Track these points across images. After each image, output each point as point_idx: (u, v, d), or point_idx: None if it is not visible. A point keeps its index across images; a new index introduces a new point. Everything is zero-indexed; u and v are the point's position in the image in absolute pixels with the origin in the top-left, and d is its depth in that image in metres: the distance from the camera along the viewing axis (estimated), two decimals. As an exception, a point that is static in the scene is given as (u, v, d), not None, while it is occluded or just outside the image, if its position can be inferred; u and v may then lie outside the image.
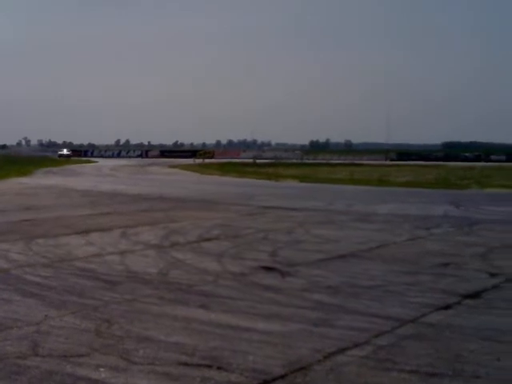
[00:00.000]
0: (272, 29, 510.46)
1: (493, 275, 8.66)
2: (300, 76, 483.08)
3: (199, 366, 5.00)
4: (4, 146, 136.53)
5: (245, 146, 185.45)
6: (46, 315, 6.38)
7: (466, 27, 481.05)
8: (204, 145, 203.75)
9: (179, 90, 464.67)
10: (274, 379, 4.76)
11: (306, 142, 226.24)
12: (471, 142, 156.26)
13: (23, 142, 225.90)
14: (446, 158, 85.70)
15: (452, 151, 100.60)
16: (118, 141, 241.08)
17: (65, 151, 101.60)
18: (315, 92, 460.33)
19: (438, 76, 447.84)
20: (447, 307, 6.89)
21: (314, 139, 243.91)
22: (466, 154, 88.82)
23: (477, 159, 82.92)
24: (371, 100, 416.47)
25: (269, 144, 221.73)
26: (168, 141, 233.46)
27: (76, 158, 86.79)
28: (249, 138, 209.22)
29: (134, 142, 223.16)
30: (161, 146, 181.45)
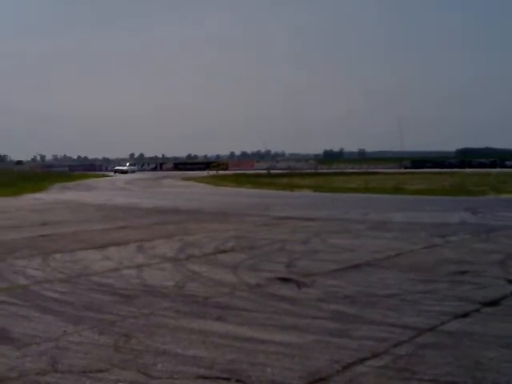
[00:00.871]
0: (286, 38, 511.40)
1: (511, 282, 8.60)
2: (312, 86, 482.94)
3: (218, 379, 5.00)
4: (20, 162, 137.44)
5: (258, 156, 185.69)
6: (64, 331, 6.41)
7: (479, 31, 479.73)
8: (218, 156, 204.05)
9: (192, 101, 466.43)
10: (293, 391, 4.75)
11: (319, 151, 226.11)
12: (486, 148, 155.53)
13: (38, 158, 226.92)
14: (461, 165, 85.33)
15: (467, 157, 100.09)
16: (132, 154, 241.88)
17: (124, 167, 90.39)
18: (328, 101, 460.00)
19: (452, 82, 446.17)
20: (465, 315, 6.84)
21: (328, 148, 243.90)
22: (481, 160, 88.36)
23: (492, 165, 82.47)
24: (384, 108, 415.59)
25: (282, 154, 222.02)
26: (182, 153, 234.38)
27: (98, 173, 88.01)
28: (262, 149, 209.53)
29: (148, 155, 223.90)
30: (174, 158, 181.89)
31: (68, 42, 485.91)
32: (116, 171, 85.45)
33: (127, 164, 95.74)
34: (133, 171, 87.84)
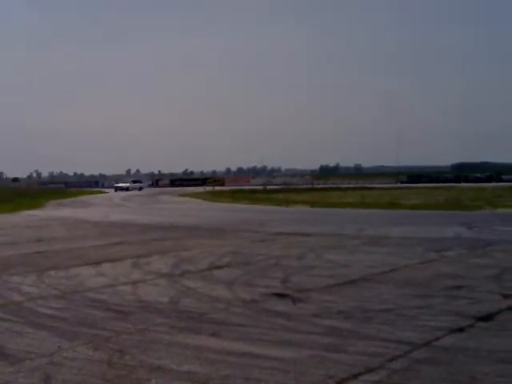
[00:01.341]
0: (281, 52, 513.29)
1: (506, 296, 8.60)
2: (308, 101, 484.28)
3: (212, 394, 4.99)
4: (16, 179, 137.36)
5: (254, 172, 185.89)
6: (59, 346, 6.39)
7: (476, 44, 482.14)
8: (214, 172, 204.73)
9: (188, 117, 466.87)
10: (287, 406, 4.74)
11: (316, 166, 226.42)
12: (482, 163, 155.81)
13: (34, 175, 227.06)
14: (457, 180, 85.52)
15: (462, 172, 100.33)
16: (129, 170, 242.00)
17: (126, 183, 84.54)
18: (324, 117, 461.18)
19: (448, 97, 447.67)
20: (460, 330, 6.83)
21: (324, 164, 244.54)
22: (477, 175, 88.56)
23: (488, 180, 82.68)
24: (380, 124, 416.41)
25: (279, 170, 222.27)
26: (178, 169, 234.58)
27: (94, 189, 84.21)
28: (259, 165, 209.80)
29: (144, 171, 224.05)
30: (171, 174, 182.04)
31: (66, 57, 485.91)
32: (116, 189, 78.97)
33: (130, 180, 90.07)
34: (140, 188, 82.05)
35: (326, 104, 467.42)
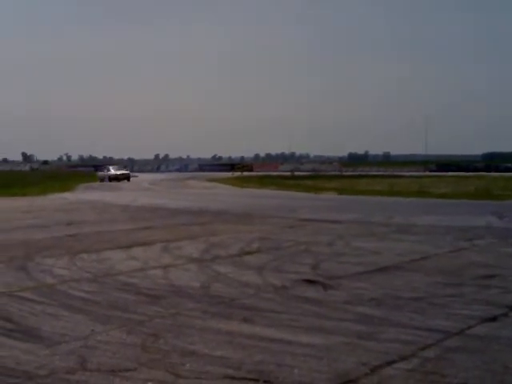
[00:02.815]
0: (311, 37, 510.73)
1: (539, 286, 8.53)
2: (337, 89, 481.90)
3: (246, 379, 5.02)
4: (46, 162, 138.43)
5: (283, 158, 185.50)
6: (92, 330, 6.47)
7: (504, 29, 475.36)
8: (242, 158, 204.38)
9: (217, 102, 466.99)
10: (322, 393, 4.75)
11: (344, 153, 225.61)
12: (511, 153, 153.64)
13: (64, 158, 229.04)
14: (487, 169, 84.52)
15: (493, 162, 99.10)
16: (158, 155, 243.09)
17: (113, 170, 61.29)
18: (353, 103, 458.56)
19: (477, 86, 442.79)
20: (493, 319, 6.80)
21: (353, 151, 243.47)
22: (508, 165, 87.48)
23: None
24: (410, 111, 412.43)
25: (307, 156, 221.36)
26: (206, 154, 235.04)
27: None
28: (287, 151, 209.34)
29: (172, 156, 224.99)
30: (199, 159, 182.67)
31: (103, 43, 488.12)
32: (103, 178, 59.29)
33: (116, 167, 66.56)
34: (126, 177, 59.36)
35: (355, 91, 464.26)
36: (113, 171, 60.54)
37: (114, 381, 5.01)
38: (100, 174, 62.70)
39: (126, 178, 58.94)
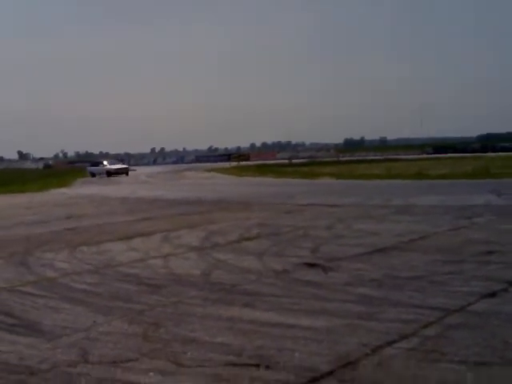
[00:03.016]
0: (307, 25, 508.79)
1: (538, 261, 8.54)
2: (332, 74, 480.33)
3: (247, 365, 5.02)
4: (48, 166, 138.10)
5: (279, 147, 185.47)
6: (94, 321, 6.47)
7: (502, 16, 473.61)
8: (238, 148, 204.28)
9: (208, 94, 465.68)
10: (323, 376, 4.75)
11: (340, 140, 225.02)
12: (508, 133, 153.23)
13: (60, 155, 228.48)
14: (484, 150, 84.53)
15: (489, 142, 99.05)
16: (154, 149, 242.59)
17: (110, 165, 58.39)
18: (347, 89, 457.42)
19: (473, 68, 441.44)
20: (493, 295, 6.80)
21: (349, 137, 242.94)
22: (504, 145, 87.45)
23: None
24: (405, 95, 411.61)
25: (303, 144, 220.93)
26: (202, 146, 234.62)
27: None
28: (283, 140, 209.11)
29: (168, 149, 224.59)
30: (196, 151, 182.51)
31: (103, 43, 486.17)
32: (102, 173, 56.14)
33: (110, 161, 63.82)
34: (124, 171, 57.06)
35: (350, 77, 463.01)
36: (110, 166, 57.75)
37: (115, 372, 5.01)
38: (93, 168, 58.76)
39: (125, 172, 56.76)
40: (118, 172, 56.25)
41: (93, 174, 57.03)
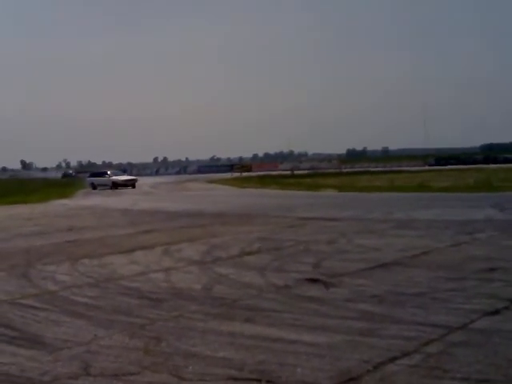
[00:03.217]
0: (304, 36, 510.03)
1: (540, 278, 8.52)
2: (333, 84, 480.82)
3: (249, 380, 5.02)
4: (45, 169, 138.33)
5: (281, 157, 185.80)
6: (95, 335, 6.47)
7: (502, 20, 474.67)
8: (241, 158, 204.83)
9: (215, 103, 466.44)
10: (324, 391, 4.75)
11: (342, 150, 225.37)
12: (511, 143, 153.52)
13: (63, 164, 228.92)
14: (486, 161, 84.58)
15: (491, 153, 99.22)
16: (156, 158, 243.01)
17: (116, 176, 53.73)
18: (350, 99, 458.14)
19: (473, 76, 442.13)
20: (495, 312, 6.79)
21: (351, 147, 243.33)
22: (507, 156, 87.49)
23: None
24: (408, 105, 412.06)
25: (305, 154, 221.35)
26: (205, 156, 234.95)
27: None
28: (285, 149, 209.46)
29: (171, 158, 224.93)
30: (198, 161, 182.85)
31: (88, 46, 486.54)
32: (97, 185, 52.17)
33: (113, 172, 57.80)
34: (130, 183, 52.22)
35: (351, 87, 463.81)
36: (116, 176, 53.06)
37: (117, 385, 5.01)
38: (95, 179, 53.48)
39: (132, 184, 51.45)
40: (125, 184, 51.43)
41: (94, 186, 52.19)
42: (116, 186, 50.43)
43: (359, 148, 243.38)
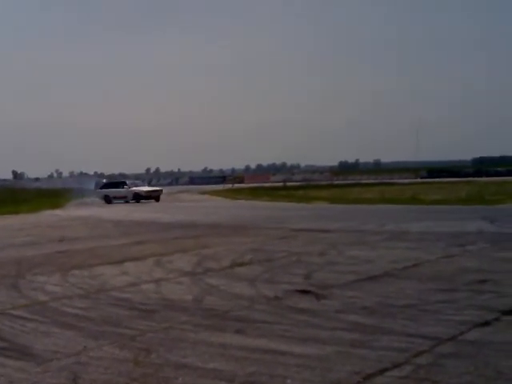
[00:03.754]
0: (297, 47, 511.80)
1: (531, 290, 8.54)
2: (325, 96, 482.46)
3: (238, 391, 5.01)
4: (37, 179, 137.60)
5: (274, 169, 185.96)
6: (84, 346, 6.44)
7: (495, 35, 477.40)
8: (233, 170, 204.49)
9: (204, 116, 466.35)
10: (314, 403, 4.74)
11: (335, 162, 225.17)
12: (501, 157, 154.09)
13: (55, 174, 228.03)
14: (478, 174, 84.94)
15: (483, 166, 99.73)
16: (149, 169, 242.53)
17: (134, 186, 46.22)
18: (342, 112, 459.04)
19: (466, 91, 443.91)
20: (486, 324, 6.80)
21: (343, 160, 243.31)
22: (498, 169, 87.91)
23: (509, 174, 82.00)
24: (399, 118, 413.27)
25: (298, 166, 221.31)
26: (197, 167, 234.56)
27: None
28: (277, 162, 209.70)
29: (163, 169, 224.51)
30: (190, 172, 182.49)
31: (79, 55, 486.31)
32: (108, 198, 44.65)
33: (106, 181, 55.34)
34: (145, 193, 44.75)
35: (343, 100, 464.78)
36: (138, 188, 45.52)
37: (106, 397, 4.99)
38: (110, 191, 45.53)
39: (156, 196, 44.50)
40: (149, 196, 44.33)
41: (108, 199, 44.53)
42: (138, 198, 43.49)
43: (351, 160, 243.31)
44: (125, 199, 43.84)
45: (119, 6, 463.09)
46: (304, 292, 8.90)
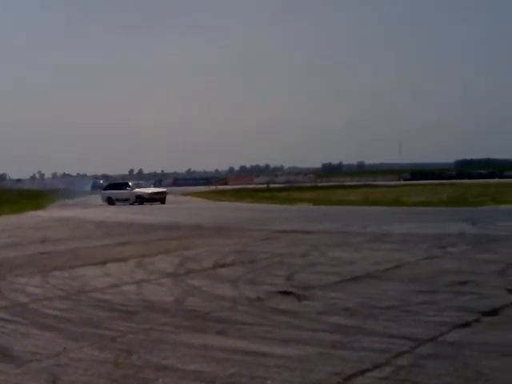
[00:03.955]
0: (286, 51, 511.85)
1: (511, 291, 8.59)
2: (311, 98, 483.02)
3: (218, 392, 4.99)
4: (19, 181, 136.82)
5: (258, 171, 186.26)
6: (64, 347, 6.39)
7: (480, 41, 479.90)
8: (217, 171, 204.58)
9: (188, 117, 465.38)
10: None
11: (318, 164, 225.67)
12: (485, 159, 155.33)
13: (37, 176, 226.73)
14: (460, 176, 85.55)
15: (466, 169, 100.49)
16: (132, 170, 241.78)
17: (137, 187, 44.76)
18: (326, 114, 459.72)
19: (451, 93, 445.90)
20: (466, 325, 6.83)
21: (327, 162, 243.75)
22: (480, 171, 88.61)
23: (491, 176, 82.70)
24: (383, 120, 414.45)
25: (281, 168, 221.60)
26: (181, 169, 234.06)
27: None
28: (261, 163, 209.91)
29: (147, 171, 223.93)
30: (174, 173, 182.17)
31: (79, 55, 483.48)
32: (112, 200, 43.57)
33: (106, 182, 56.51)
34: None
35: (327, 102, 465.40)
36: (141, 189, 43.90)
37: (85, 398, 4.96)
38: (112, 193, 44.81)
39: (161, 199, 43.03)
40: (153, 198, 42.76)
41: (111, 201, 43.60)
42: (141, 200, 42.04)
43: (335, 162, 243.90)
44: (128, 202, 42.41)
45: (119, 6, 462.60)
46: (286, 293, 8.90)
